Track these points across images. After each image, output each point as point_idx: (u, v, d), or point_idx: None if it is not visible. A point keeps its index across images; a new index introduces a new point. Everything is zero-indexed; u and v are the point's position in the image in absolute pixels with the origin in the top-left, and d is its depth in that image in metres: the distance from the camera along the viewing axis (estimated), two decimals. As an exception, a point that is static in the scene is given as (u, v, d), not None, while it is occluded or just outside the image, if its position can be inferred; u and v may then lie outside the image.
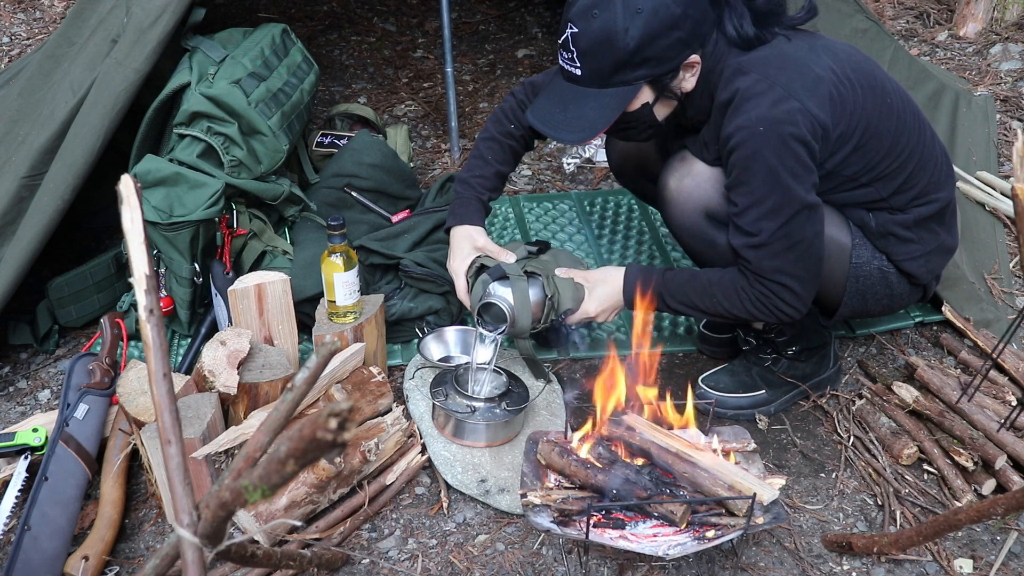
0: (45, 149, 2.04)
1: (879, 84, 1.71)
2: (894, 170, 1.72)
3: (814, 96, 1.60)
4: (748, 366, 2.01)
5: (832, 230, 1.76)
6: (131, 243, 1.07)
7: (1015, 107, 3.27)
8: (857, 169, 1.70)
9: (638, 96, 1.68)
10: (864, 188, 1.74)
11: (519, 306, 1.82)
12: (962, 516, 1.39)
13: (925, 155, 1.76)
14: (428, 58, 3.75)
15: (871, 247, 1.79)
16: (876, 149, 1.69)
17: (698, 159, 1.76)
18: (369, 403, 1.86)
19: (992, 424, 1.80)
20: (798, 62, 1.64)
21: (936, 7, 4.12)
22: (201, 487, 1.60)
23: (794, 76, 1.61)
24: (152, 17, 2.00)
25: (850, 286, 1.81)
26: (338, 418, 0.79)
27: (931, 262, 1.84)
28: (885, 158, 1.71)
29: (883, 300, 1.85)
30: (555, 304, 1.86)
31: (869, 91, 1.68)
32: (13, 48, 3.81)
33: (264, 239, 2.18)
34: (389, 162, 2.46)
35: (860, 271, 1.80)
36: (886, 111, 1.70)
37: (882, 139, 1.69)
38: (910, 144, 1.73)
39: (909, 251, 1.79)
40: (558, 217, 2.72)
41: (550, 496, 1.57)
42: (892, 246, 1.79)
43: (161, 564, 1.06)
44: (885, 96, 1.71)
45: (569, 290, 1.87)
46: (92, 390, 1.82)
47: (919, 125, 1.78)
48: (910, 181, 1.74)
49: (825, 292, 1.83)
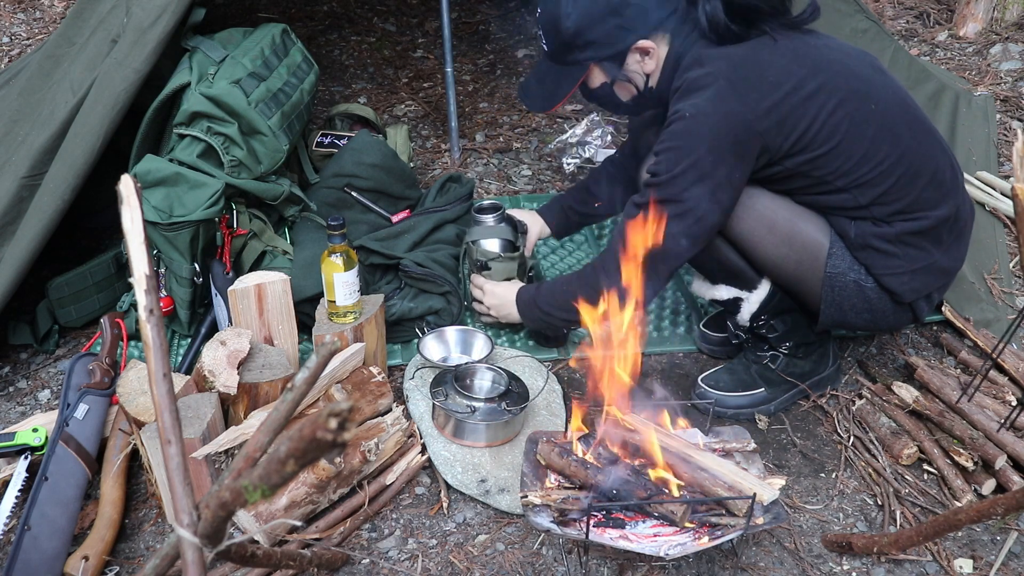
0: (45, 149, 2.04)
1: (863, 92, 1.71)
2: (873, 178, 1.70)
3: (760, 102, 1.63)
4: (747, 365, 2.01)
5: (810, 228, 1.77)
6: (131, 243, 1.07)
7: (1015, 107, 3.27)
8: (827, 172, 1.70)
9: (592, 76, 1.84)
10: (841, 194, 1.73)
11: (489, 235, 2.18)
12: (962, 516, 1.39)
13: (919, 168, 1.72)
14: (428, 58, 3.75)
15: (849, 258, 1.78)
16: (848, 154, 1.68)
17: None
18: (369, 403, 1.86)
19: (992, 424, 1.80)
20: (760, 66, 1.67)
21: (936, 7, 4.12)
22: (201, 487, 1.60)
23: (746, 78, 1.65)
24: (152, 17, 2.00)
25: (826, 294, 1.80)
26: (338, 418, 0.79)
27: (917, 280, 1.78)
28: (861, 164, 1.69)
29: (863, 314, 1.83)
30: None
31: (850, 96, 1.68)
32: (13, 48, 3.81)
33: (264, 239, 2.18)
34: (389, 162, 2.46)
35: (835, 281, 1.79)
36: (864, 118, 1.68)
37: (855, 145, 1.68)
38: (896, 153, 1.70)
39: (890, 266, 1.77)
40: (558, 217, 2.72)
41: (550, 496, 1.57)
42: (871, 258, 1.77)
43: (161, 564, 1.06)
44: (867, 102, 1.70)
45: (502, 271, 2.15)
46: (92, 390, 1.82)
47: (916, 137, 1.74)
48: (895, 193, 1.71)
49: (803, 293, 1.85)
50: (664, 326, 2.28)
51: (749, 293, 1.89)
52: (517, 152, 3.09)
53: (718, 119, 1.65)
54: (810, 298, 1.84)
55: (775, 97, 1.65)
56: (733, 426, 1.79)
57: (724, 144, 1.66)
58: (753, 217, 1.77)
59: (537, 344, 2.20)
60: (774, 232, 1.78)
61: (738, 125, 1.65)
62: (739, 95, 1.64)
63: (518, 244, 2.18)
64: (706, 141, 1.66)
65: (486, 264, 2.14)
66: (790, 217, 1.78)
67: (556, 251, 2.57)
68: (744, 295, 1.90)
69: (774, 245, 1.79)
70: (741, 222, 1.78)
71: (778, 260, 1.81)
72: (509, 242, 2.18)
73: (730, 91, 1.64)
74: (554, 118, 3.30)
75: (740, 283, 1.89)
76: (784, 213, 1.78)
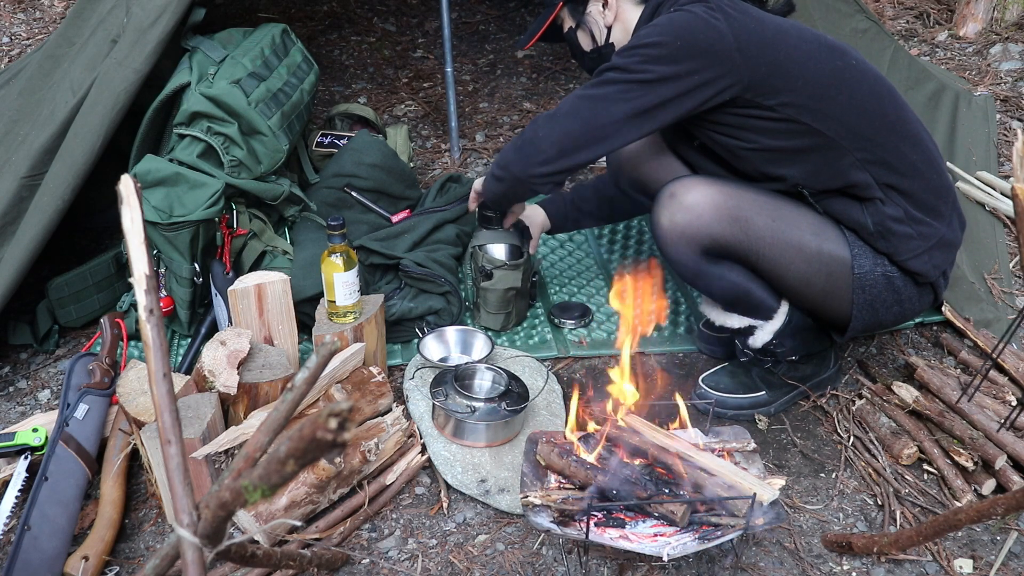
0: (45, 149, 2.04)
1: (840, 49, 1.75)
2: (868, 134, 1.71)
3: (743, 26, 1.67)
4: (748, 367, 2.01)
5: (829, 245, 1.77)
6: (131, 243, 1.07)
7: (1015, 107, 3.27)
8: (819, 119, 1.69)
9: (563, 19, 1.94)
10: (847, 157, 1.71)
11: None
12: (962, 516, 1.39)
13: (904, 130, 1.76)
14: (428, 58, 3.75)
15: (872, 253, 1.79)
16: (836, 100, 1.70)
17: (687, 189, 1.77)
18: (369, 403, 1.86)
19: (992, 424, 1.80)
20: (747, 8, 1.71)
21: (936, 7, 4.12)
22: (201, 487, 1.60)
23: (731, 8, 1.69)
24: (152, 17, 2.00)
25: (857, 298, 1.80)
26: (338, 418, 0.79)
27: (935, 257, 1.81)
28: (849, 113, 1.70)
29: (893, 308, 1.84)
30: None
31: (830, 50, 1.73)
32: (13, 48, 3.81)
33: (264, 239, 2.18)
34: (389, 162, 2.46)
35: (864, 280, 1.79)
36: (845, 71, 1.72)
37: (840, 91, 1.70)
38: (880, 110, 1.73)
39: (911, 248, 1.78)
40: (558, 217, 2.72)
41: (550, 496, 1.57)
42: (893, 245, 1.78)
43: (161, 564, 1.06)
44: (847, 57, 1.74)
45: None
46: (92, 390, 1.82)
47: (895, 100, 1.77)
48: (893, 153, 1.73)
49: (833, 309, 1.84)
50: (664, 326, 2.28)
51: (764, 322, 1.89)
52: (517, 152, 3.09)
53: (699, 22, 1.66)
54: (839, 310, 1.84)
55: (759, 27, 1.69)
56: (733, 426, 1.78)
57: (700, 41, 1.66)
58: (782, 244, 1.77)
59: (537, 345, 2.20)
60: (802, 251, 1.77)
61: (720, 31, 1.65)
62: (726, 14, 1.67)
63: (524, 250, 2.18)
64: (686, 33, 1.66)
65: (490, 272, 2.13)
66: (814, 234, 1.78)
67: (556, 251, 2.57)
68: (759, 323, 1.89)
69: (805, 262, 1.78)
70: (772, 250, 1.77)
71: (809, 277, 1.80)
72: (515, 247, 2.17)
73: (719, 10, 1.68)
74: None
75: (756, 314, 1.88)
76: (808, 233, 1.78)
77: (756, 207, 1.76)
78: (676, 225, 1.76)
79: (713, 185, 1.77)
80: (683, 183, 1.78)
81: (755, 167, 1.78)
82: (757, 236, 1.75)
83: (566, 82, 3.56)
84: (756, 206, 1.76)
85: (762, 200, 1.77)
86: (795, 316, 1.88)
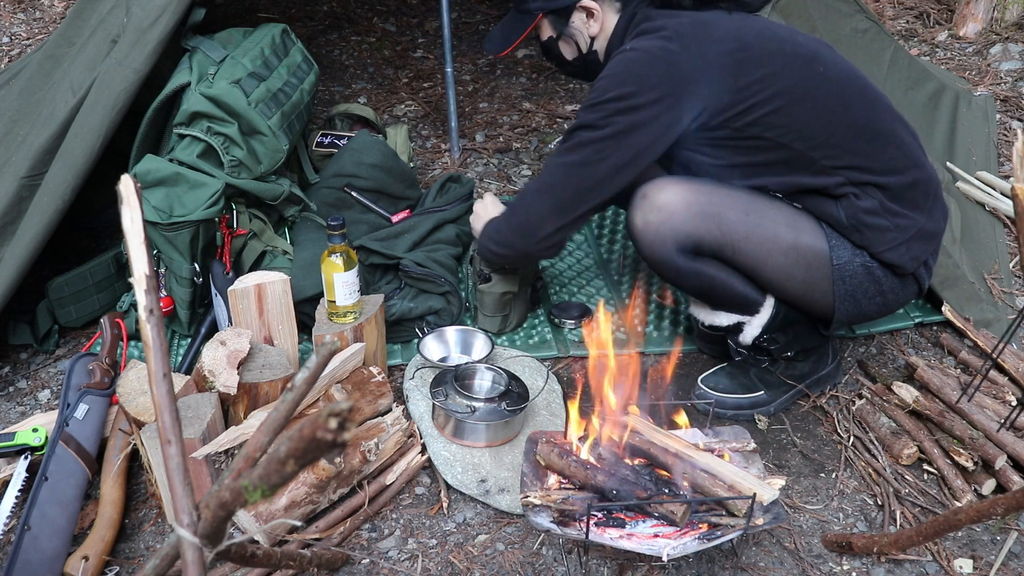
0: (45, 149, 2.04)
1: (809, 56, 1.75)
2: (835, 141, 1.72)
3: (704, 52, 1.68)
4: (745, 368, 2.00)
5: (806, 237, 1.78)
6: (131, 243, 1.07)
7: (1015, 107, 3.28)
8: (784, 132, 1.70)
9: (542, 28, 1.92)
10: (812, 166, 1.73)
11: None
12: (962, 516, 1.39)
13: (877, 129, 1.75)
14: (428, 58, 3.76)
15: (850, 245, 1.78)
16: (799, 114, 1.70)
17: (658, 190, 1.77)
18: (369, 403, 1.86)
19: (992, 424, 1.80)
20: (707, 25, 1.73)
21: (936, 7, 4.12)
22: (201, 487, 1.60)
23: (694, 32, 1.70)
24: (152, 17, 2.00)
25: (838, 289, 1.80)
26: (338, 418, 0.79)
27: (913, 249, 1.80)
28: (814, 124, 1.71)
29: (876, 299, 1.84)
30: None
31: (797, 60, 1.73)
32: (13, 48, 3.81)
33: (264, 239, 2.18)
34: (389, 162, 2.46)
35: (844, 271, 1.79)
36: (812, 80, 1.72)
37: (805, 104, 1.71)
38: (849, 115, 1.73)
39: (887, 240, 1.77)
40: (558, 217, 2.71)
41: (550, 496, 1.57)
42: (868, 238, 1.77)
43: (161, 564, 1.05)
44: (814, 65, 1.74)
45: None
46: (92, 390, 1.82)
47: (869, 101, 1.77)
48: (863, 156, 1.73)
49: (816, 302, 1.84)
50: (664, 326, 2.28)
51: (751, 317, 1.89)
52: (517, 152, 3.09)
53: (654, 60, 1.68)
54: (821, 302, 1.83)
55: (719, 49, 1.69)
56: (733, 426, 1.78)
57: (661, 82, 1.67)
58: (758, 237, 1.77)
59: (537, 344, 2.20)
60: (778, 244, 1.77)
61: (678, 65, 1.67)
62: (684, 42, 1.68)
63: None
64: (643, 78, 1.68)
65: (488, 276, 2.13)
66: (789, 226, 1.78)
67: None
68: (746, 319, 1.89)
69: (782, 255, 1.78)
70: (748, 243, 1.77)
71: (788, 270, 1.80)
72: None
73: (676, 38, 1.69)
74: (554, 118, 3.31)
75: (742, 309, 1.88)
76: (783, 226, 1.78)
77: (729, 202, 1.77)
78: (650, 225, 1.77)
79: (685, 184, 1.77)
80: (655, 184, 1.79)
81: (726, 179, 1.80)
82: (731, 231, 1.76)
83: (566, 82, 3.56)
84: (729, 201, 1.77)
85: (735, 196, 1.78)
86: (782, 310, 1.88)
